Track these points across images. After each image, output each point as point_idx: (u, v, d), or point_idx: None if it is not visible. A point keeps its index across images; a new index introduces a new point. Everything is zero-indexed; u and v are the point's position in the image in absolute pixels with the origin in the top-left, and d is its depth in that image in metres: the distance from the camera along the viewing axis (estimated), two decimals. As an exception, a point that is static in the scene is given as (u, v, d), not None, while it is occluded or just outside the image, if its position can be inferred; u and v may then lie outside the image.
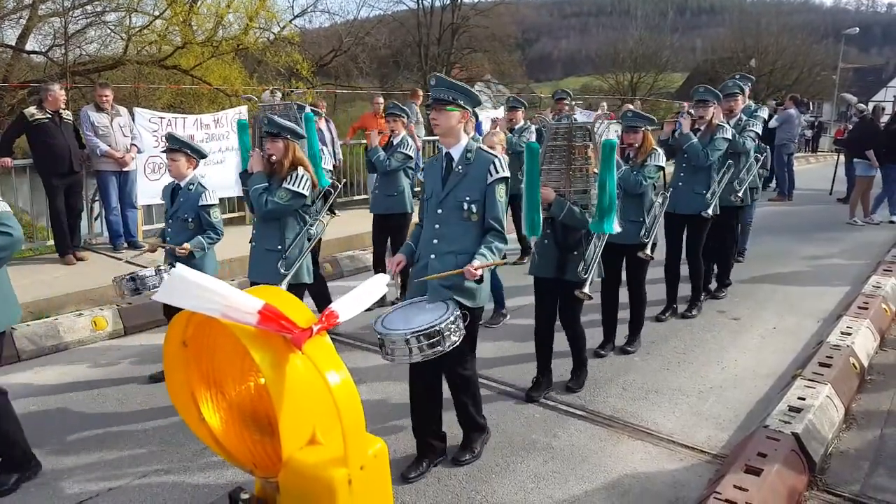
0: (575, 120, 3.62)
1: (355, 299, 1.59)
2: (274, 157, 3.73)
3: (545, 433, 3.51)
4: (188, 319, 1.43)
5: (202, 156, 4.20)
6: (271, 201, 3.65)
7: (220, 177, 7.64)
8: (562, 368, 4.07)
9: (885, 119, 10.42)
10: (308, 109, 4.47)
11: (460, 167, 2.94)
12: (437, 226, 2.96)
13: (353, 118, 15.11)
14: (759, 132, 5.66)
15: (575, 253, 3.63)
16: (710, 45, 44.75)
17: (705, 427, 3.60)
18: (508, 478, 3.09)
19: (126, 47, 17.93)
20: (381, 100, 9.41)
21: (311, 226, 3.99)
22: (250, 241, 3.94)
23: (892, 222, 9.48)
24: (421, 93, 10.74)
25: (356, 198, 9.86)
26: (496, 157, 2.94)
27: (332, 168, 5.66)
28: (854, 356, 4.21)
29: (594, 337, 4.56)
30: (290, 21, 21.92)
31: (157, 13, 18.08)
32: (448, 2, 31.63)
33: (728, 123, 5.37)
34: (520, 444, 3.39)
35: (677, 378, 4.24)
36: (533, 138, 6.53)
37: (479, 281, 2.84)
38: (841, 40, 32.64)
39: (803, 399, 3.52)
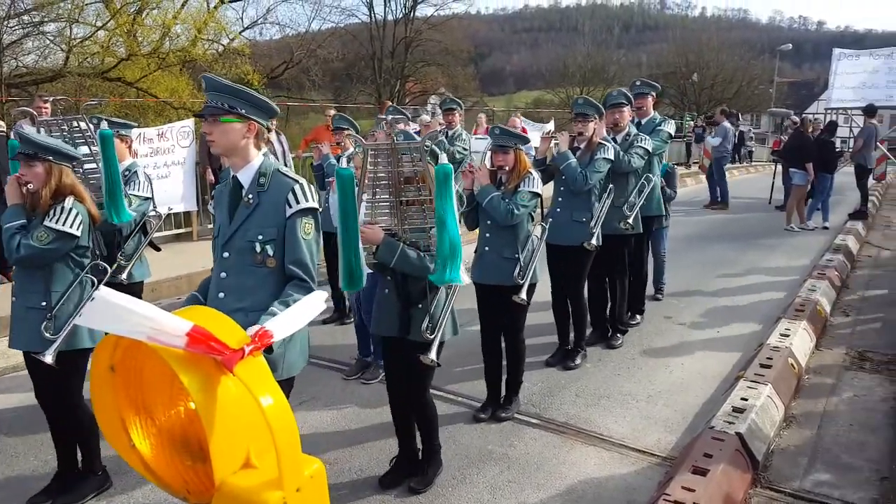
0: (402, 136, 2.78)
1: (291, 318, 1.54)
2: (31, 186, 2.76)
3: (501, 443, 3.50)
4: (115, 343, 1.36)
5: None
6: (25, 245, 2.67)
7: (165, 191, 7.42)
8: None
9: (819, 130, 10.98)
10: (104, 124, 3.58)
11: (251, 196, 2.21)
12: (222, 274, 2.24)
13: (305, 131, 14.95)
14: (650, 149, 4.77)
15: (419, 306, 2.87)
16: (655, 61, 46.23)
17: (655, 430, 3.66)
18: (465, 490, 3.07)
19: (67, 59, 17.34)
20: (332, 112, 9.33)
21: (118, 270, 3.29)
22: (12, 296, 2.91)
23: (825, 228, 9.92)
24: (389, 102, 10.71)
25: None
26: (298, 182, 2.22)
27: None
28: (792, 357, 4.36)
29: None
30: (240, 33, 21.68)
31: (99, 24, 17.55)
32: (401, 15, 31.82)
33: (615, 139, 4.68)
34: (476, 455, 3.37)
35: (628, 383, 4.30)
36: (467, 146, 6.23)
37: (269, 351, 1.74)
38: (776, 56, 34.29)
39: (746, 400, 3.62)
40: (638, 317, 5.46)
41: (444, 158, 2.59)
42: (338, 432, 3.65)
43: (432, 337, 2.81)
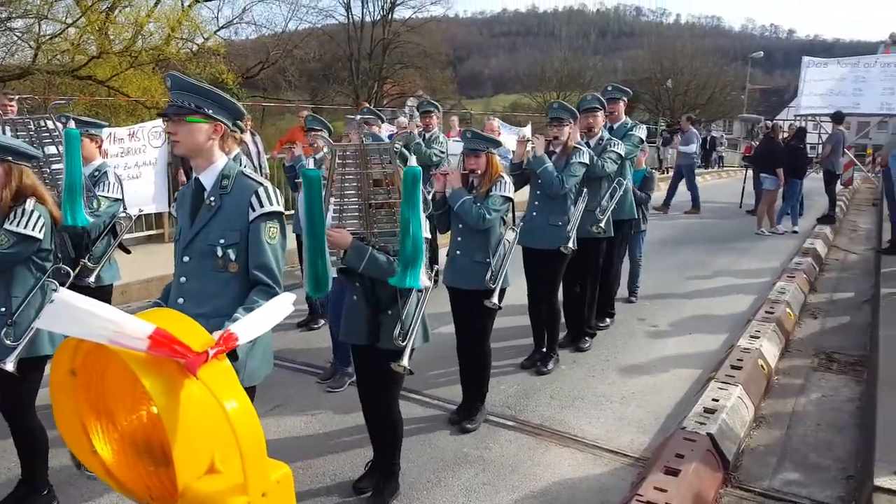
0: (370, 138, 2.68)
1: (257, 321, 1.51)
2: None
3: (476, 446, 3.49)
4: (76, 346, 1.32)
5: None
6: None
7: (136, 192, 7.29)
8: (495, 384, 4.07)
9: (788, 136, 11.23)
10: (71, 123, 3.46)
11: (213, 199, 2.16)
12: (182, 279, 2.19)
13: (281, 131, 14.83)
14: (623, 153, 4.83)
15: (389, 313, 2.81)
16: (631, 67, 46.89)
17: (628, 431, 3.69)
18: (440, 493, 3.05)
19: (35, 56, 16.94)
20: (306, 112, 9.27)
21: (85, 273, 3.19)
22: None
23: (794, 232, 10.12)
24: (365, 103, 10.66)
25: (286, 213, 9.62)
26: (262, 184, 2.17)
27: None
28: (762, 358, 4.43)
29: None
30: (215, 32, 21.38)
31: (70, 21, 17.19)
32: (378, 17, 31.77)
33: (589, 143, 4.71)
34: (451, 458, 3.36)
35: (602, 385, 4.33)
36: (444, 148, 6.24)
37: (234, 357, 1.78)
38: (748, 63, 35.02)
39: (717, 401, 3.67)
40: (608, 320, 5.50)
41: (413, 161, 2.56)
42: (311, 437, 3.61)
43: (404, 344, 2.73)
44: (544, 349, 4.60)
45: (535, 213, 4.41)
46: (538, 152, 4.31)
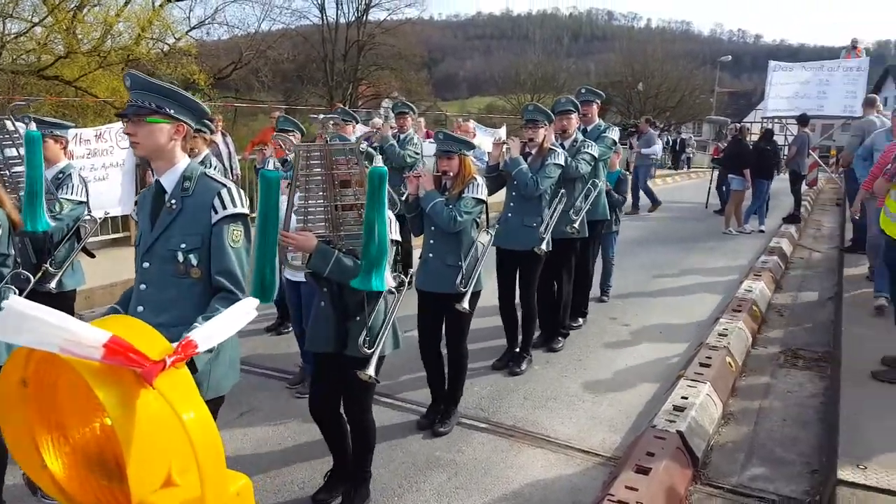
0: (336, 138, 2.64)
1: (218, 327, 1.46)
2: None
3: (449, 449, 3.47)
4: (27, 356, 1.27)
5: None
6: None
7: (103, 194, 7.12)
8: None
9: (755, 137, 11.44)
10: (32, 125, 3.34)
11: (174, 201, 2.08)
12: (142, 286, 2.10)
13: (254, 132, 14.65)
14: (597, 155, 4.89)
15: (357, 319, 2.74)
16: (603, 70, 47.30)
17: (600, 430, 3.71)
18: (412, 498, 3.03)
19: (-1, 55, 16.48)
20: (277, 113, 9.16)
21: (46, 278, 3.09)
22: None
23: (761, 231, 10.32)
24: (339, 104, 10.55)
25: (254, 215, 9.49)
26: (225, 185, 2.10)
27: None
28: (730, 356, 4.50)
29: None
30: (187, 32, 21.04)
31: (36, 20, 16.75)
32: (353, 19, 31.60)
33: (563, 145, 4.74)
34: (423, 462, 3.34)
35: (574, 384, 4.35)
36: (419, 150, 6.17)
37: (194, 369, 1.72)
38: (717, 67, 35.65)
39: (686, 398, 3.70)
40: (581, 319, 5.53)
41: (378, 160, 2.52)
42: (279, 445, 3.54)
43: (371, 351, 2.67)
44: (517, 350, 4.61)
45: (510, 215, 4.42)
46: (513, 154, 4.32)
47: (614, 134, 5.35)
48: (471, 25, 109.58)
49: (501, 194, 4.61)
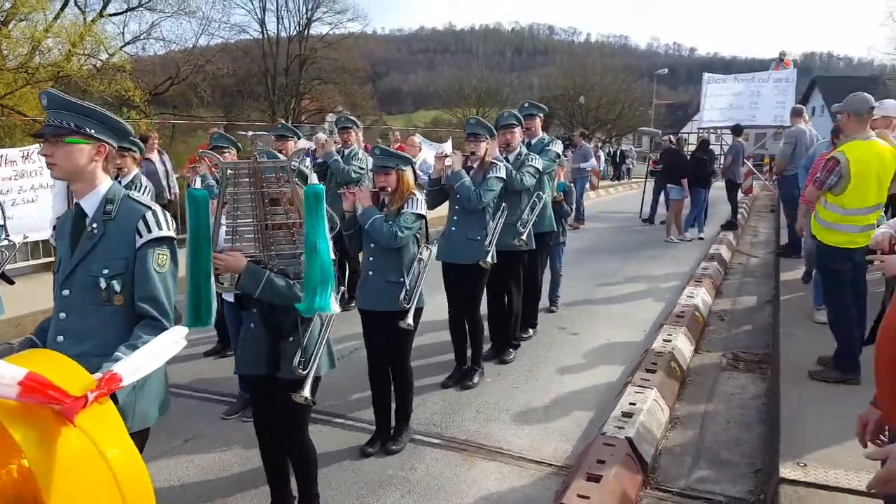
0: (265, 155, 2.59)
1: (143, 358, 1.39)
2: None
3: (402, 467, 3.43)
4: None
5: None
6: None
7: (31, 217, 6.78)
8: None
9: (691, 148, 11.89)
10: None
11: (95, 225, 2.00)
12: (62, 315, 2.02)
13: (192, 149, 14.25)
14: (540, 168, 4.92)
15: (290, 339, 2.66)
16: (546, 83, 48.37)
17: (552, 440, 3.74)
18: (362, 519, 2.97)
19: (-85, 72, 15.57)
20: (214, 130, 8.95)
21: None
22: None
23: (700, 239, 10.72)
24: (281, 119, 10.38)
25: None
26: (150, 208, 2.04)
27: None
28: (675, 361, 4.63)
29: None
30: (121, 48, 20.41)
31: (-44, 35, 15.94)
32: (294, 33, 31.36)
33: (508, 158, 4.79)
34: (376, 481, 3.28)
35: (526, 395, 4.37)
36: (364, 165, 6.12)
37: (115, 400, 1.53)
38: (654, 80, 37.05)
39: (634, 404, 3.78)
40: (531, 330, 5.59)
41: (313, 178, 2.48)
42: (225, 471, 3.42)
43: (305, 373, 2.59)
44: (467, 365, 4.61)
45: (454, 228, 4.44)
46: (456, 167, 4.35)
47: (558, 147, 5.45)
48: (414, 39, 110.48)
49: (442, 209, 4.63)
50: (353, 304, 5.30)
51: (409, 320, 3.46)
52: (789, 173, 7.75)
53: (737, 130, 11.94)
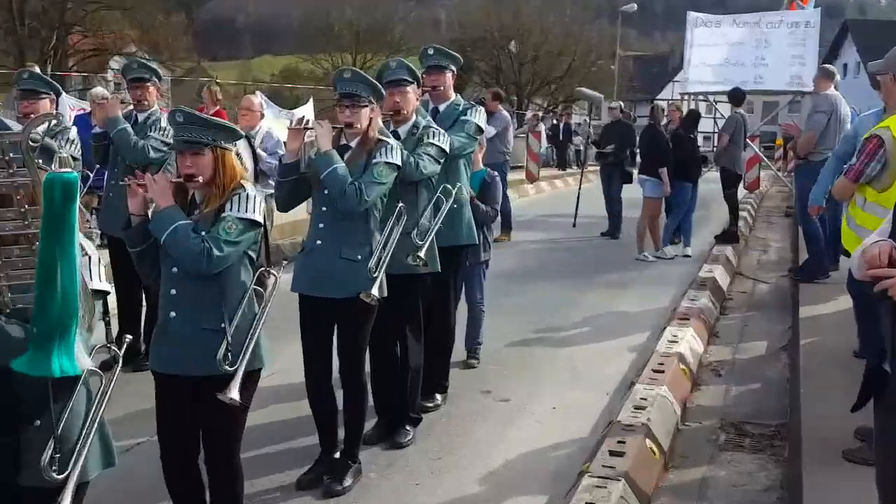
0: None
1: None
2: None
3: None
4: None
5: None
6: None
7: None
8: None
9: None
10: None
11: None
12: None
13: None
14: (447, 148, 4.86)
15: (37, 424, 2.66)
16: (458, 21, 49.29)
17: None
18: None
19: None
20: None
21: None
22: None
23: (686, 256, 11.14)
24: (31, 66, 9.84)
25: None
26: None
27: None
28: (651, 439, 4.75)
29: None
30: None
31: None
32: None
33: (397, 133, 4.79)
34: None
35: (430, 499, 4.34)
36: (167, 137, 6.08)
37: None
38: (618, 20, 38.56)
39: (593, 504, 3.84)
40: (439, 396, 5.60)
41: (67, 161, 2.48)
42: None
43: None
44: (336, 455, 4.50)
45: (319, 243, 4.33)
46: (323, 146, 4.20)
47: (479, 117, 5.42)
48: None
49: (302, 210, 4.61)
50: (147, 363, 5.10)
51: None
52: (817, 158, 7.85)
53: (736, 98, 12.24)
